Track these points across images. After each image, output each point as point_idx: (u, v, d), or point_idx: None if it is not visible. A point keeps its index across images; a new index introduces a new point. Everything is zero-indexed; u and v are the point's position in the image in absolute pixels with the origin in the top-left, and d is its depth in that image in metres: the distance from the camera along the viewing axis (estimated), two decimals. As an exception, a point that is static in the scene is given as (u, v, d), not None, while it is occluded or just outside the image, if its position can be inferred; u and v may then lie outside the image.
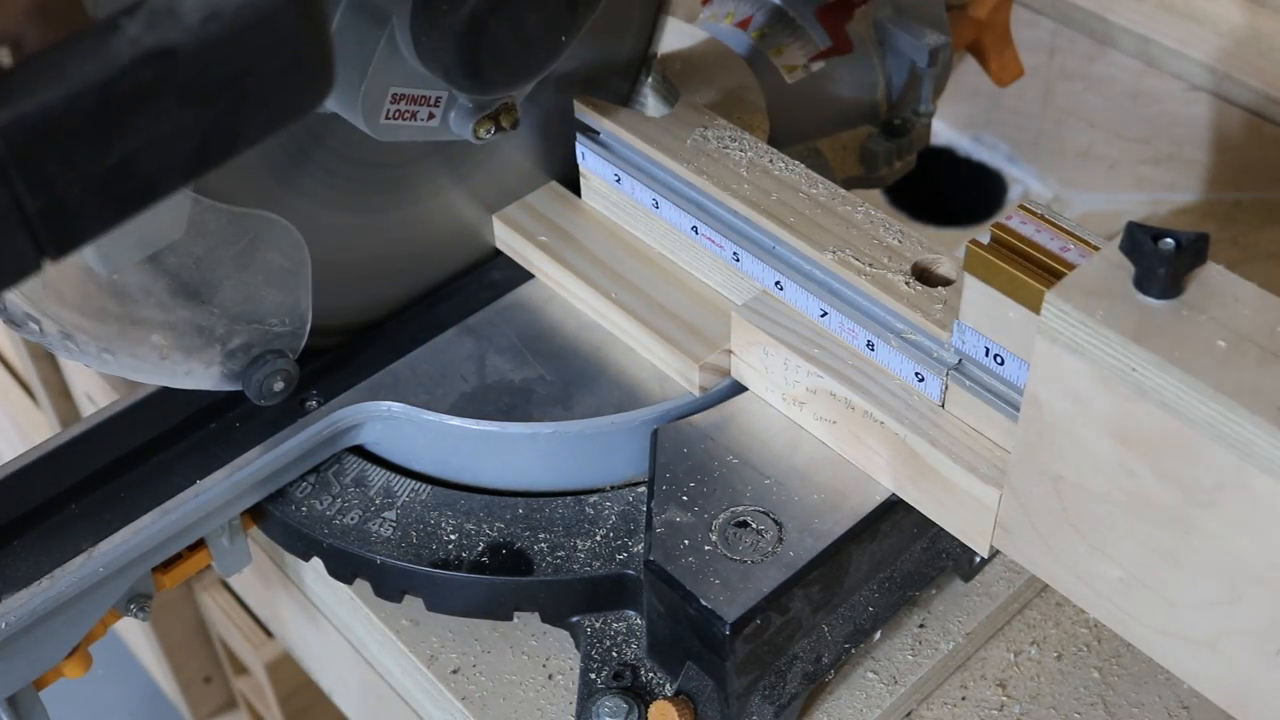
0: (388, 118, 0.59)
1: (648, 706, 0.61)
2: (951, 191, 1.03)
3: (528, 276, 0.73)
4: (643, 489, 0.66)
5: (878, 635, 0.65)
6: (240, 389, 0.65)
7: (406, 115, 0.60)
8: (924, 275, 0.61)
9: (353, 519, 0.66)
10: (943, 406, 0.59)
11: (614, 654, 0.63)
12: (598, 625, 0.64)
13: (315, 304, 0.65)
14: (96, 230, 0.41)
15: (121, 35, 0.38)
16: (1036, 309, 0.49)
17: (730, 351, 0.66)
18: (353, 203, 0.67)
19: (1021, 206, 0.54)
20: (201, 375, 0.63)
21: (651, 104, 0.72)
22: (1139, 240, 0.47)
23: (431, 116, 0.61)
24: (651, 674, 0.62)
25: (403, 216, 0.69)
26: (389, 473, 0.68)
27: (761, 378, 0.65)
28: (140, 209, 0.41)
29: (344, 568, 0.66)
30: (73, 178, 0.39)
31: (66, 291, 0.56)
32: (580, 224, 0.73)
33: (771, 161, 0.67)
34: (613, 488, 0.67)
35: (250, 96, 0.41)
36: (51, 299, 0.56)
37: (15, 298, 0.56)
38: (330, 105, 0.59)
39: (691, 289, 0.69)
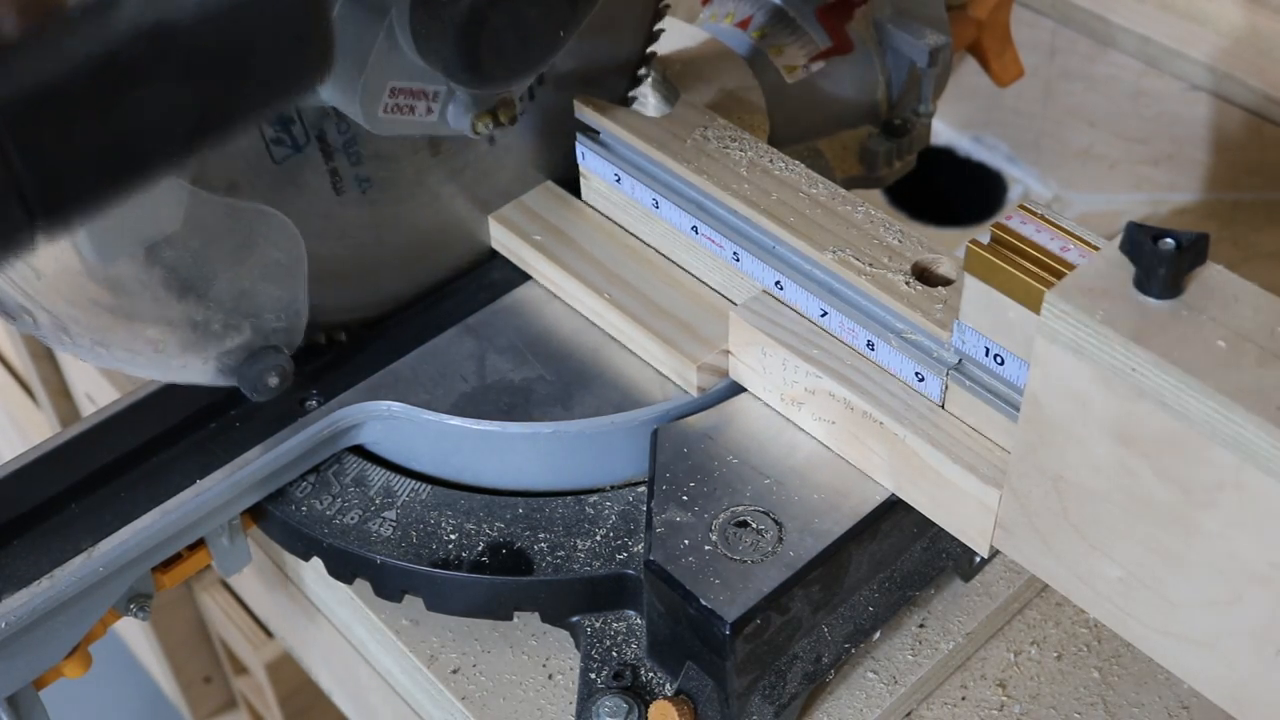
0: (385, 112, 0.59)
1: (648, 706, 0.61)
2: (951, 191, 1.03)
3: (527, 277, 0.73)
4: (643, 489, 0.66)
5: (878, 635, 0.65)
6: (235, 384, 0.65)
7: (404, 110, 0.60)
8: (924, 275, 0.61)
9: (353, 519, 0.65)
10: (943, 406, 0.59)
11: (614, 654, 0.63)
12: (598, 625, 0.64)
13: (311, 300, 0.65)
14: (91, 204, 0.40)
15: (121, 9, 0.38)
16: (1036, 309, 0.49)
17: (728, 352, 0.66)
18: (349, 198, 0.67)
19: (1021, 206, 0.54)
20: (197, 370, 0.63)
21: (652, 104, 0.72)
22: (1139, 240, 0.47)
23: (429, 111, 0.61)
24: (651, 674, 0.62)
25: (399, 213, 0.69)
26: (389, 472, 0.68)
27: (760, 378, 0.65)
28: (137, 184, 0.41)
29: (344, 567, 0.66)
30: (69, 150, 0.39)
31: (61, 283, 0.56)
32: (576, 224, 0.73)
33: (771, 161, 0.67)
34: (613, 488, 0.67)
35: (249, 73, 0.41)
36: (46, 290, 0.56)
37: (9, 288, 0.56)
38: (328, 99, 0.59)
39: (689, 289, 0.69)
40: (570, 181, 0.74)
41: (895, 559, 0.64)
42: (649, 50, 0.72)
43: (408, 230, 0.70)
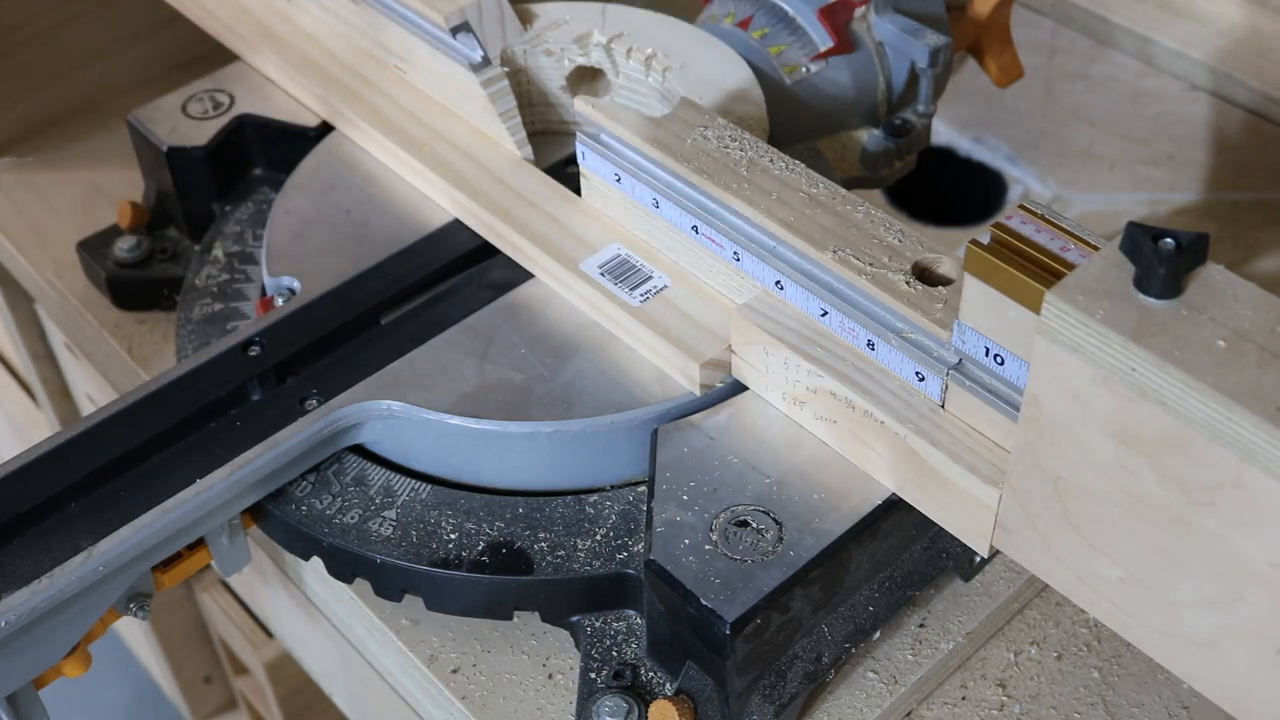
0: None
1: (648, 706, 0.61)
2: (951, 191, 1.03)
3: (528, 276, 0.73)
4: (643, 488, 0.66)
5: (877, 635, 0.65)
6: None
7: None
8: (924, 275, 0.61)
9: (353, 518, 0.65)
10: (943, 406, 0.59)
11: (614, 653, 0.63)
12: (598, 625, 0.64)
13: None
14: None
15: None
16: (1036, 309, 0.49)
17: (731, 350, 0.66)
18: None
19: (1021, 206, 0.54)
20: None
21: (652, 104, 0.72)
22: (1139, 240, 0.47)
23: None
24: (651, 673, 0.62)
25: None
26: (389, 472, 0.68)
27: (762, 377, 0.65)
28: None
29: (344, 567, 0.66)
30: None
31: None
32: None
33: (771, 161, 0.67)
34: (613, 487, 0.67)
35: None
36: None
37: None
38: None
39: (693, 285, 0.69)
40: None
41: (895, 559, 0.64)
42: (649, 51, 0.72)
43: None
